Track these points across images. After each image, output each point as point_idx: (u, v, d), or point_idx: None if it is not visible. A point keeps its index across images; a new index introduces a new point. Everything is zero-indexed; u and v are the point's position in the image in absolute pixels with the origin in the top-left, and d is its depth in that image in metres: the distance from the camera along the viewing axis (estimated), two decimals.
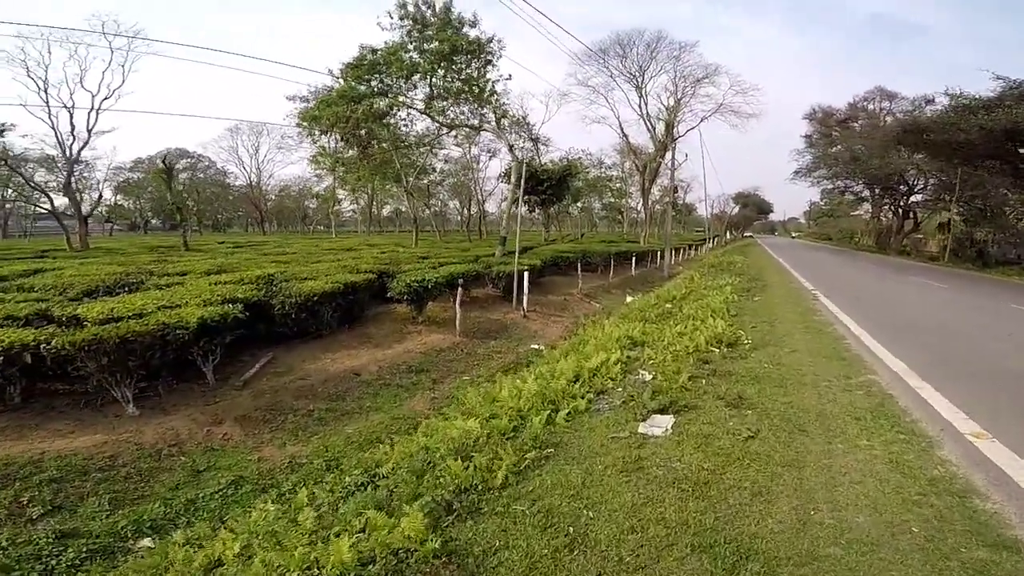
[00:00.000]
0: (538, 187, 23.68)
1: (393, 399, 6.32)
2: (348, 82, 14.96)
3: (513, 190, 17.36)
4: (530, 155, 28.12)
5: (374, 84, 15.38)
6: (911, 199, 41.97)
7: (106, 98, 24.90)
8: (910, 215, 42.75)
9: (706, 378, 5.14)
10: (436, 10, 15.32)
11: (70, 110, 24.49)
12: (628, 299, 13.62)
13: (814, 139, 49.33)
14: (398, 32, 15.49)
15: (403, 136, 19.90)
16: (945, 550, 2.43)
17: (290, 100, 16.60)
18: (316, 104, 15.26)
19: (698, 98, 32.88)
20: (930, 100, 35.48)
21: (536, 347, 8.69)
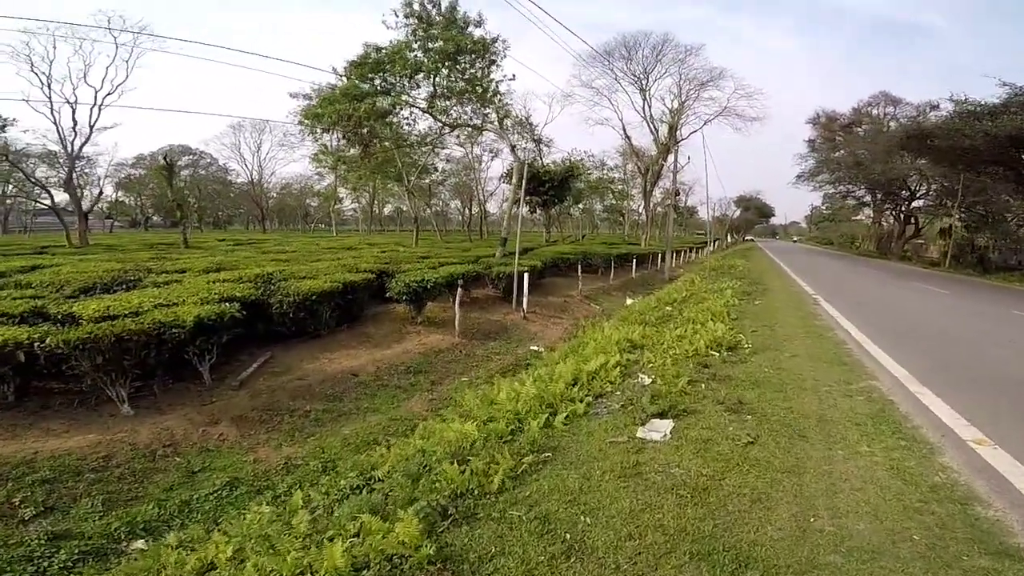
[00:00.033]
0: (540, 188, 23.65)
1: (391, 400, 6.28)
2: (352, 80, 14.93)
3: (514, 191, 17.34)
4: (532, 156, 28.13)
5: (377, 83, 15.35)
6: (913, 204, 41.96)
7: (109, 94, 25.00)
8: (911, 220, 42.73)
9: (706, 382, 5.10)
10: (442, 9, 15.29)
11: (73, 106, 24.57)
12: (628, 301, 13.58)
13: (817, 143, 49.33)
14: (403, 31, 15.46)
15: (405, 135, 19.86)
16: (947, 558, 2.40)
17: (293, 97, 16.47)
18: (318, 102, 15.22)
19: (702, 101, 32.95)
20: (935, 106, 35.64)
21: (535, 349, 8.66)
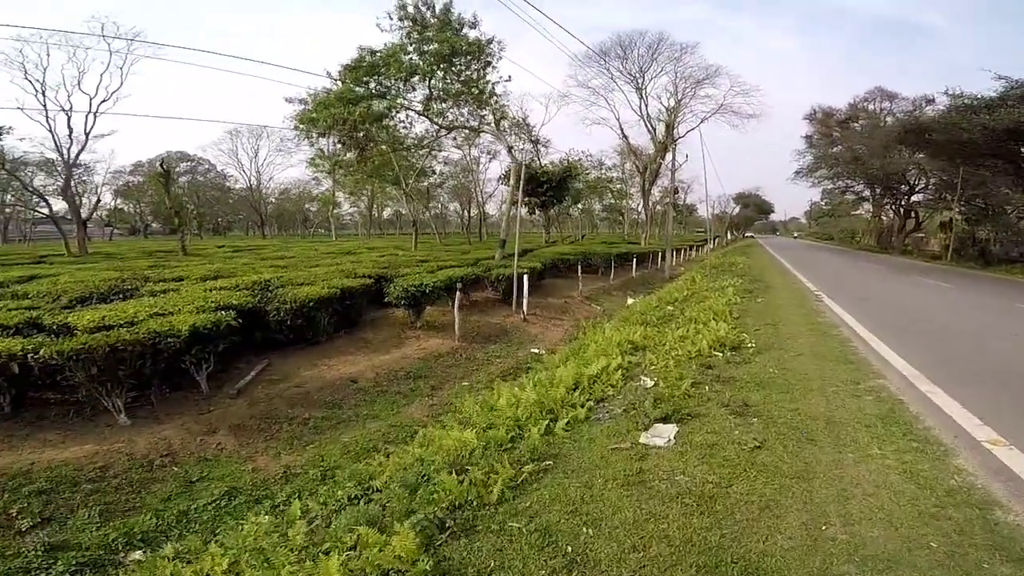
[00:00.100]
0: (538, 189, 23.58)
1: (390, 406, 6.21)
2: (346, 84, 14.87)
3: (512, 192, 17.26)
4: (530, 157, 28.08)
5: (372, 86, 15.29)
6: (912, 198, 41.89)
7: (104, 101, 25.00)
8: (911, 214, 42.65)
9: (709, 384, 5.00)
10: (436, 11, 15.25)
11: (68, 113, 24.54)
12: (629, 301, 13.50)
13: (815, 139, 49.24)
14: (397, 33, 15.43)
15: (402, 138, 19.81)
16: (967, 566, 2.31)
17: (289, 102, 16.40)
18: (313, 106, 15.16)
19: (698, 99, 32.96)
20: (931, 100, 35.59)
21: (536, 351, 8.58)
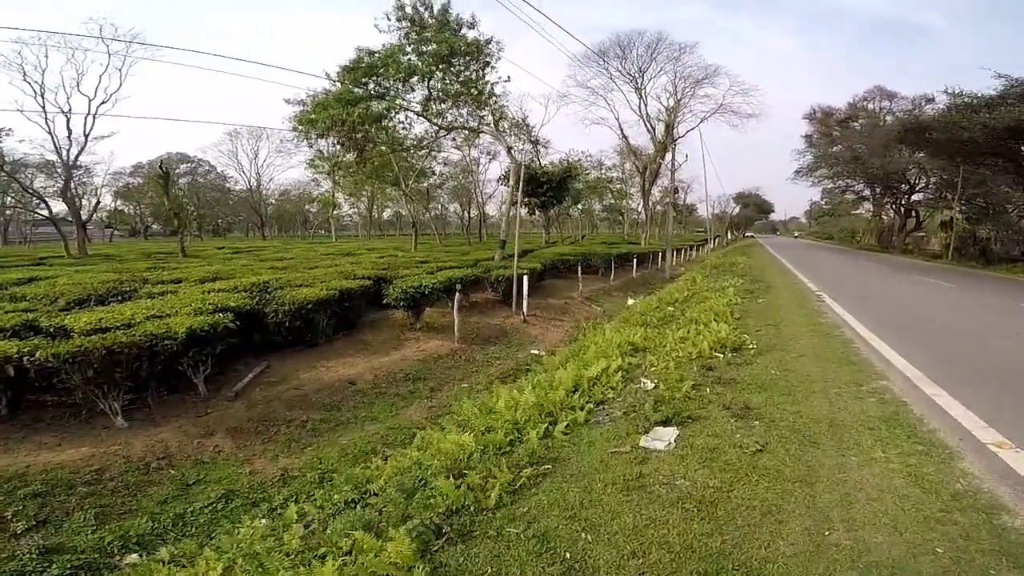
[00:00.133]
0: (538, 189, 23.53)
1: (389, 409, 6.17)
2: (345, 85, 14.84)
3: (512, 192, 17.23)
4: (529, 157, 28.04)
5: (371, 87, 15.26)
6: (913, 198, 41.81)
7: (103, 102, 24.94)
8: (912, 214, 42.57)
9: (710, 386, 4.96)
10: (434, 12, 15.22)
11: (67, 115, 24.48)
12: (629, 302, 13.46)
13: (814, 139, 49.17)
14: (396, 34, 15.41)
15: (401, 139, 19.78)
16: (973, 573, 2.27)
17: (289, 103, 16.35)
18: (312, 107, 15.13)
19: (698, 99, 32.87)
20: (930, 99, 35.54)
21: (536, 353, 8.53)
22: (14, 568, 3.19)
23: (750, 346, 6.61)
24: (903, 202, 43.12)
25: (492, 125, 18.71)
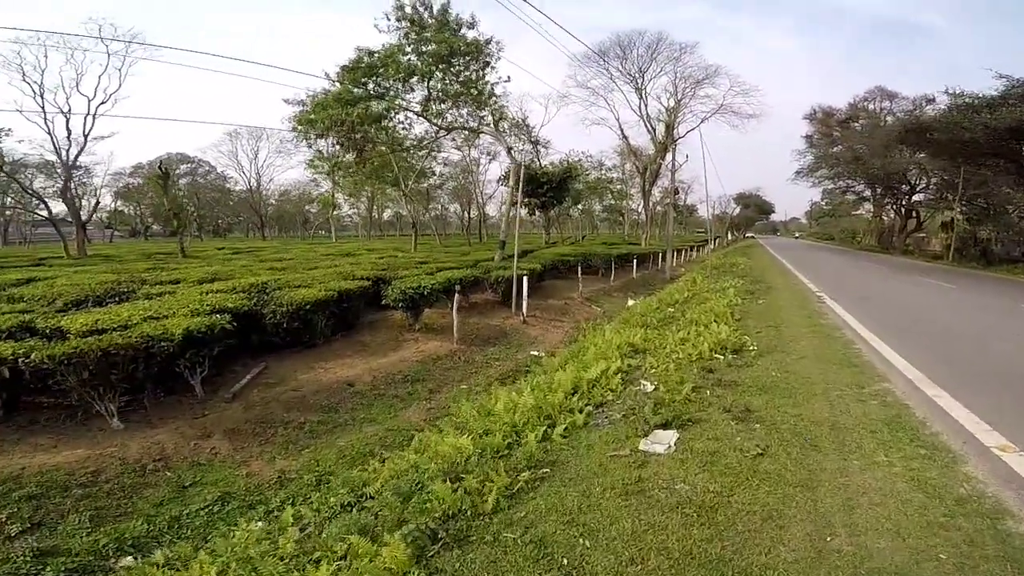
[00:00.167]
0: (538, 190, 23.52)
1: (388, 410, 6.14)
2: (344, 85, 14.81)
3: (512, 193, 17.20)
4: (530, 158, 28.03)
5: (371, 87, 15.23)
6: (913, 198, 41.75)
7: (103, 103, 24.94)
8: (913, 214, 42.52)
9: (711, 388, 4.92)
10: (434, 12, 15.19)
11: (66, 115, 24.47)
12: (630, 303, 13.42)
13: (815, 139, 49.13)
14: (396, 34, 15.37)
15: (401, 139, 19.75)
16: None
17: (288, 104, 16.31)
18: (311, 107, 15.10)
19: (698, 99, 32.81)
20: (931, 100, 35.51)
21: (535, 354, 8.49)
22: (8, 571, 3.17)
23: (751, 348, 6.57)
24: (904, 203, 43.08)
25: (492, 125, 18.68)
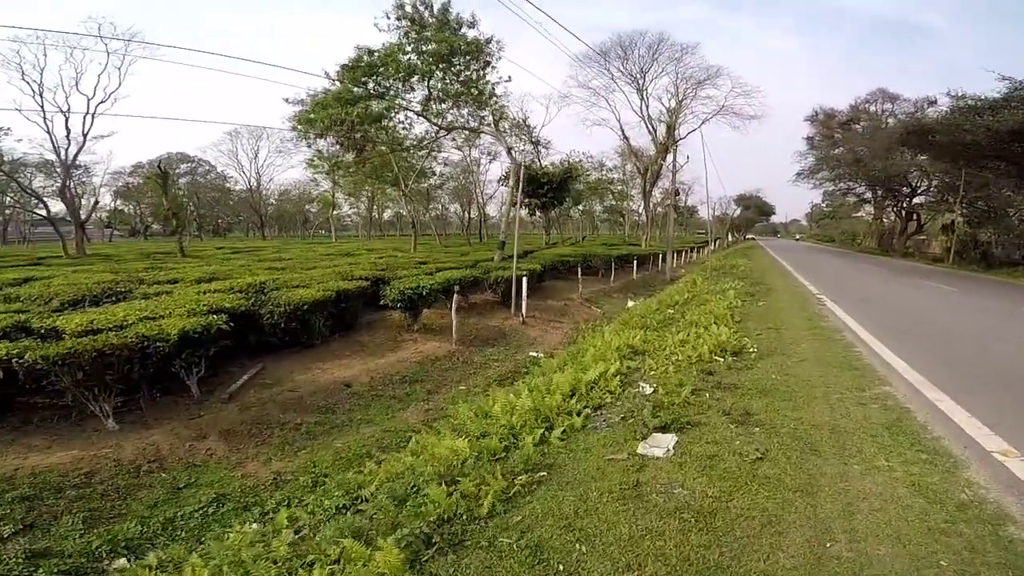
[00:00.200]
0: (538, 190, 23.49)
1: (385, 411, 6.10)
2: (344, 84, 14.78)
3: (512, 193, 17.16)
4: (530, 158, 28.01)
5: (371, 86, 15.19)
6: (914, 200, 41.70)
7: (102, 102, 24.89)
8: (913, 217, 42.47)
9: (710, 391, 4.88)
10: (434, 11, 15.15)
11: (65, 114, 24.41)
12: (629, 304, 13.39)
13: (816, 141, 49.09)
14: (396, 33, 15.33)
15: (401, 139, 19.71)
16: None
17: (289, 103, 16.27)
18: (311, 106, 15.07)
19: (699, 100, 32.73)
20: (932, 102, 35.48)
21: (534, 355, 8.46)
22: (0, 572, 3.14)
23: (751, 350, 6.53)
24: (904, 205, 43.03)
25: (492, 125, 18.65)
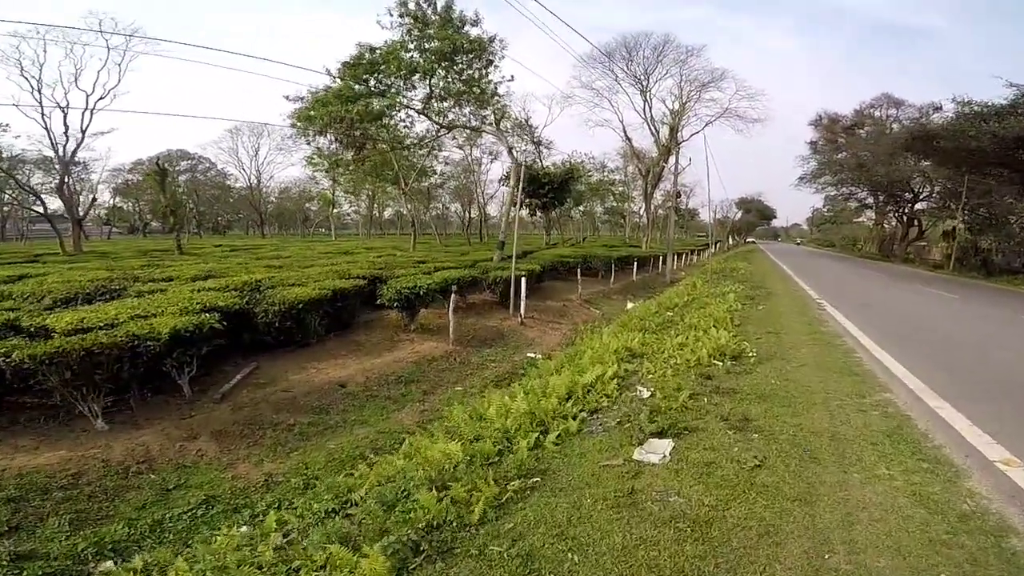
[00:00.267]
0: (539, 190, 23.42)
1: (380, 412, 6.02)
2: (345, 81, 14.72)
3: (512, 193, 17.10)
4: (532, 158, 27.93)
5: (372, 84, 15.14)
6: (916, 206, 41.64)
7: (101, 98, 24.82)
8: (914, 222, 42.41)
9: (708, 396, 4.81)
10: (437, 8, 15.10)
11: (64, 110, 24.33)
12: (629, 305, 13.32)
13: (819, 145, 49.03)
14: (398, 31, 15.29)
15: (401, 137, 19.65)
16: None
17: (289, 100, 16.20)
18: (311, 103, 15.01)
19: (703, 102, 32.57)
20: (938, 107, 35.38)
21: (532, 356, 8.39)
22: None
23: (750, 354, 6.46)
24: (906, 211, 42.97)
25: (494, 125, 18.60)
